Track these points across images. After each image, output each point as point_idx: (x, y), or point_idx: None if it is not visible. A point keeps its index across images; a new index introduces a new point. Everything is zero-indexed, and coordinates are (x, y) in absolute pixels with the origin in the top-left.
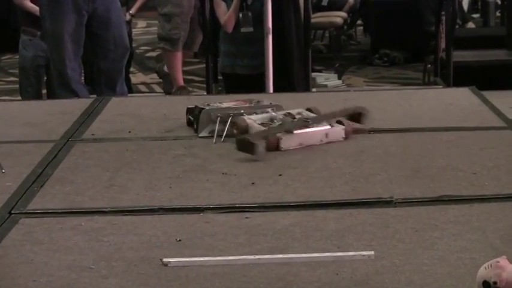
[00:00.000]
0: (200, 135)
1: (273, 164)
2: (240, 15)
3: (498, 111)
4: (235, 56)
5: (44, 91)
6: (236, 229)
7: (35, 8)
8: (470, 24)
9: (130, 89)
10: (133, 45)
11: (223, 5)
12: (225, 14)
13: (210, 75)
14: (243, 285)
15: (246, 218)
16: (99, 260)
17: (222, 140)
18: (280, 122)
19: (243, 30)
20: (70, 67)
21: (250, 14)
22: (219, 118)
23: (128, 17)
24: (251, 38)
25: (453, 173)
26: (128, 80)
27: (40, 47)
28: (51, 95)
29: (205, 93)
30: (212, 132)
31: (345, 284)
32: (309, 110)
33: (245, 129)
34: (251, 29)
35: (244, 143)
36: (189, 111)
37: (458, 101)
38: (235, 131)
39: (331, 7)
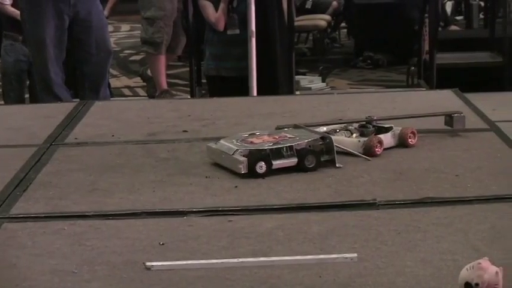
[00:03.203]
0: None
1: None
2: (227, 17)
3: (481, 113)
4: (220, 59)
5: (27, 95)
6: (219, 232)
7: (16, 13)
8: (454, 27)
9: (111, 93)
10: (116, 48)
11: (210, 5)
12: (214, 14)
13: (194, 78)
14: None
15: (229, 221)
16: (82, 264)
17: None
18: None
19: (229, 32)
20: (53, 71)
21: (236, 16)
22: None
23: None
24: (237, 40)
25: (436, 175)
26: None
27: (22, 51)
28: (34, 100)
29: (188, 97)
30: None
31: (328, 286)
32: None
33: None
34: (237, 31)
35: None
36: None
37: (441, 103)
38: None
39: (315, 10)
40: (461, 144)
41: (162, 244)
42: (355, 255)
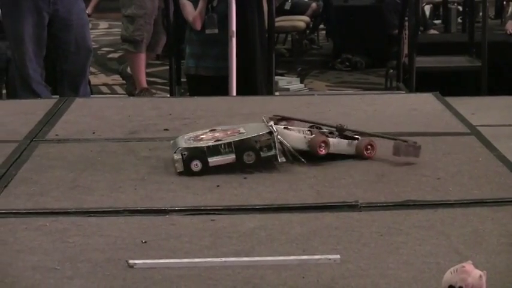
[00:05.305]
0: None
1: (237, 167)
2: (206, 17)
3: (461, 117)
4: (199, 58)
5: (4, 91)
6: (201, 231)
7: None
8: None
9: (91, 90)
10: (95, 46)
11: (190, 4)
12: (192, 13)
13: (173, 77)
14: None
15: (212, 220)
16: (64, 260)
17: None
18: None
19: (207, 32)
20: (31, 68)
21: (215, 16)
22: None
23: None
24: (216, 40)
25: (417, 178)
26: None
27: None
28: (10, 96)
29: (168, 95)
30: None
31: (310, 287)
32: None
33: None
34: (216, 31)
35: None
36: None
37: (422, 107)
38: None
39: (293, 11)
40: (442, 147)
41: (145, 242)
42: (338, 256)
